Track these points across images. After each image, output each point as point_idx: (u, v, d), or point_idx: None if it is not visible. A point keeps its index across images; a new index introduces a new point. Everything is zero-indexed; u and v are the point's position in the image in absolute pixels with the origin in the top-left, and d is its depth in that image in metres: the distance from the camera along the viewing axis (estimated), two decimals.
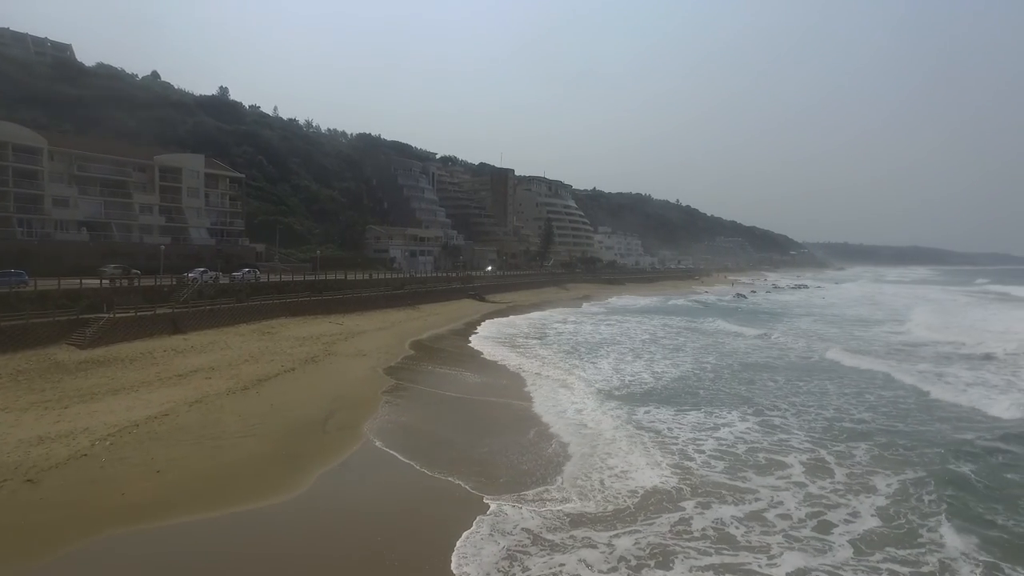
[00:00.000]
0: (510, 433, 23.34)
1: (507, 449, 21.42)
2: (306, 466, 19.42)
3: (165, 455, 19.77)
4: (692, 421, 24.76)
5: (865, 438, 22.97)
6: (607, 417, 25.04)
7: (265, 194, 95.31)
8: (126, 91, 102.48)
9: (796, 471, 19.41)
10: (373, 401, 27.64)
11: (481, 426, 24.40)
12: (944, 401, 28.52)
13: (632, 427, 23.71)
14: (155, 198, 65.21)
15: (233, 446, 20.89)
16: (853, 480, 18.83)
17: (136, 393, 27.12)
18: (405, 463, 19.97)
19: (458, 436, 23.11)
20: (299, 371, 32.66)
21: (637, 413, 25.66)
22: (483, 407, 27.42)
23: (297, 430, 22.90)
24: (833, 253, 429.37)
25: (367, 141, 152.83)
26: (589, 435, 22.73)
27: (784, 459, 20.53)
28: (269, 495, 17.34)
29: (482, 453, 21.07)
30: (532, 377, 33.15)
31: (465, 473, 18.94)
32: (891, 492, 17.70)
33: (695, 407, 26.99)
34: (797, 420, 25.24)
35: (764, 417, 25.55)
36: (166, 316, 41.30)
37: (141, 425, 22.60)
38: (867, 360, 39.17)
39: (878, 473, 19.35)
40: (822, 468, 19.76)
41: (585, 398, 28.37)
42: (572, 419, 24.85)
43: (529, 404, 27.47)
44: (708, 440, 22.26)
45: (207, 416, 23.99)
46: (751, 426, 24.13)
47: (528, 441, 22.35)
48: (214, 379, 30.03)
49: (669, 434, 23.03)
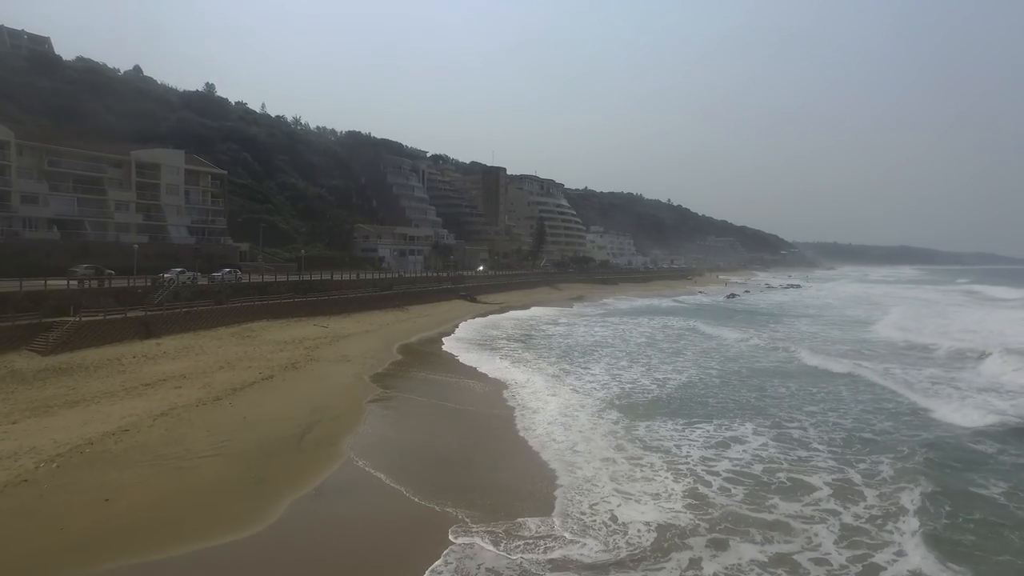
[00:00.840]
0: (500, 453, 21.30)
1: (497, 468, 19.40)
2: (277, 492, 17.26)
3: (117, 480, 17.56)
4: (702, 436, 22.70)
5: (888, 450, 21.19)
6: (606, 432, 22.97)
7: (249, 192, 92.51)
8: (106, 85, 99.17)
9: (824, 494, 17.48)
10: (356, 412, 25.51)
11: (472, 442, 22.34)
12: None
13: (636, 445, 21.48)
14: (132, 195, 62.47)
15: (195, 468, 18.69)
16: (886, 501, 16.99)
17: (96, 405, 24.83)
18: (390, 487, 17.84)
19: (446, 453, 21.06)
20: (277, 379, 30.44)
21: (639, 428, 23.46)
22: (475, 419, 25.37)
23: (270, 447, 20.73)
24: (823, 253, 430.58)
25: (356, 139, 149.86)
26: (585, 454, 20.63)
27: (809, 480, 18.61)
28: (233, 528, 15.19)
29: (472, 475, 19.01)
30: (527, 385, 31.11)
31: (454, 500, 16.85)
32: (927, 514, 15.81)
33: (704, 419, 24.97)
34: (816, 432, 23.38)
35: (781, 430, 23.64)
36: (138, 319, 38.87)
37: (96, 443, 20.35)
38: (874, 364, 37.53)
39: (905, 489, 17.60)
40: (851, 490, 17.85)
41: (582, 410, 26.30)
42: (568, 436, 22.74)
43: (523, 415, 25.40)
44: (722, 460, 20.16)
45: (171, 432, 21.76)
46: (767, 441, 22.20)
47: (518, 460, 20.29)
48: (184, 388, 27.76)
49: (677, 452, 20.87)
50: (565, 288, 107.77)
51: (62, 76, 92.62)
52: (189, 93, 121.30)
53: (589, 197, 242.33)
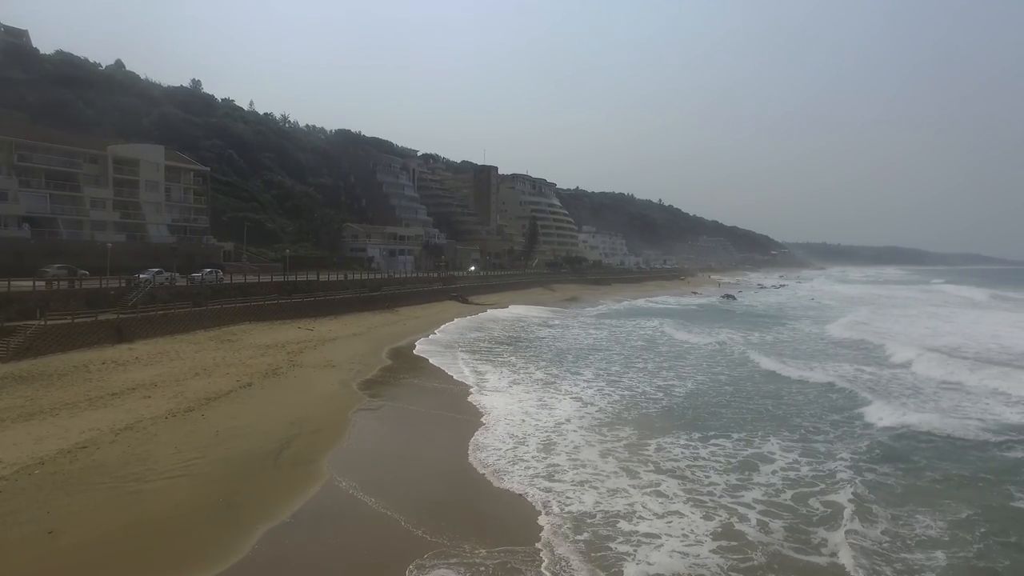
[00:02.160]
0: (490, 482, 19.35)
1: (489, 492, 17.46)
2: (248, 520, 15.23)
3: (66, 507, 15.44)
4: (722, 456, 20.31)
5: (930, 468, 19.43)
6: (610, 452, 20.91)
7: (234, 190, 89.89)
8: (85, 79, 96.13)
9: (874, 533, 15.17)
10: (341, 424, 23.48)
11: (465, 457, 20.36)
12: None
13: (649, 469, 18.87)
14: (109, 192, 59.80)
15: (158, 491, 16.58)
16: (951, 541, 15.09)
17: (55, 418, 22.59)
18: (377, 513, 15.85)
19: (439, 470, 19.09)
20: (256, 387, 28.28)
21: (648, 447, 20.92)
22: (467, 428, 23.38)
23: (243, 466, 18.65)
24: (812, 253, 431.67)
25: (346, 137, 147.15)
26: (590, 475, 18.67)
27: (840, 501, 16.75)
28: (196, 566, 13.14)
29: (465, 497, 17.05)
30: (521, 392, 29.15)
31: (447, 528, 14.89)
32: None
33: (721, 433, 22.71)
34: (843, 445, 21.56)
35: (808, 443, 21.69)
36: (109, 323, 36.52)
37: (48, 463, 18.18)
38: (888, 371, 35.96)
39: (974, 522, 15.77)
40: (903, 523, 15.77)
41: (582, 421, 24.32)
42: (568, 452, 20.76)
43: (512, 426, 23.46)
44: (752, 488, 17.56)
45: (135, 448, 19.62)
46: (797, 458, 20.16)
47: (501, 485, 18.35)
48: (154, 398, 25.57)
49: (693, 477, 18.36)
50: (558, 289, 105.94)
51: (39, 70, 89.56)
52: (173, 88, 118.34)
53: (580, 197, 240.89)
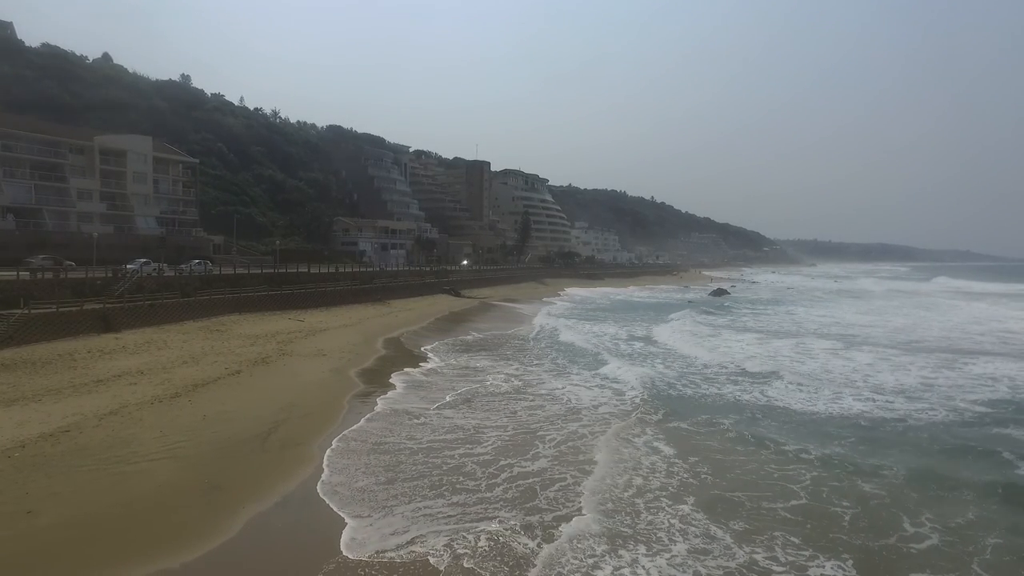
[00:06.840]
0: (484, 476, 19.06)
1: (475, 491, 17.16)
2: (235, 502, 14.85)
3: (47, 488, 15.01)
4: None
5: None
6: (628, 437, 20.80)
7: (224, 183, 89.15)
8: (72, 72, 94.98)
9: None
10: (332, 410, 23.11)
11: (461, 455, 20.07)
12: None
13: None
14: (95, 183, 59.01)
15: (142, 472, 16.18)
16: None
17: (38, 403, 22.08)
18: (364, 496, 15.53)
19: (435, 462, 18.80)
20: (245, 374, 27.84)
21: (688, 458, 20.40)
22: (465, 426, 23.10)
23: (230, 449, 18.26)
24: (803, 250, 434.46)
25: (337, 132, 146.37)
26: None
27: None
28: (181, 545, 12.76)
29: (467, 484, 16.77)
30: (519, 390, 28.90)
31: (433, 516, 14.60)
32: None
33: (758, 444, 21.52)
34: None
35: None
36: (95, 312, 35.91)
37: (29, 445, 17.72)
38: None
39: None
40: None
41: (604, 407, 24.15)
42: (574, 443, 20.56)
43: (513, 430, 23.21)
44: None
45: (119, 432, 19.18)
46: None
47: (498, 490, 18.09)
48: (140, 385, 25.09)
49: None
50: (551, 283, 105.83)
51: (25, 62, 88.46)
52: (162, 82, 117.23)
53: (573, 193, 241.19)
